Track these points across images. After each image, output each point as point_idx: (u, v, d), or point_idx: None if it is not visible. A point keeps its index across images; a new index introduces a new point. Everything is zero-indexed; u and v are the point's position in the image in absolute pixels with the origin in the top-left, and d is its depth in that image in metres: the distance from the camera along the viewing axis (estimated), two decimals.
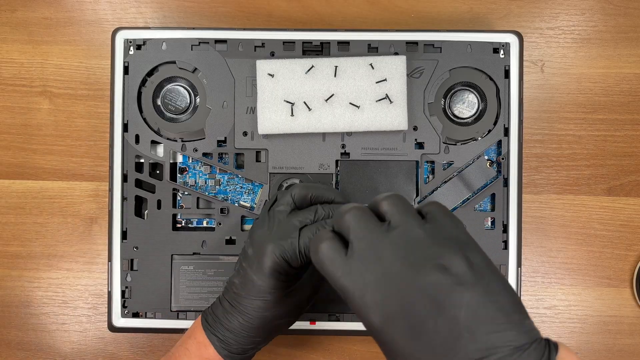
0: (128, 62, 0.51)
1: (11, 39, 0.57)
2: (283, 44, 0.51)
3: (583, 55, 0.57)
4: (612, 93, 0.57)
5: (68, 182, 0.57)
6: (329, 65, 0.50)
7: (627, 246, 0.56)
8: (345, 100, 0.50)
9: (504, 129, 0.51)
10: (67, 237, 0.57)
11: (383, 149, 0.51)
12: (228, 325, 0.42)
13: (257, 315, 0.42)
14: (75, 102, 0.57)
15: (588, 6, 0.57)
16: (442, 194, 0.51)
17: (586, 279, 0.56)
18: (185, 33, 0.51)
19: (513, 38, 0.51)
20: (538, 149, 0.57)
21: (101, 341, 0.56)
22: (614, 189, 0.56)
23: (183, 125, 0.51)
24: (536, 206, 0.56)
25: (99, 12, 0.57)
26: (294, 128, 0.50)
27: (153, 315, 0.51)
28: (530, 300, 0.56)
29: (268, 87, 0.50)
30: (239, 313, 0.42)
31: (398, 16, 0.57)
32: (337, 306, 0.51)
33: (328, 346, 0.56)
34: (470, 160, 0.52)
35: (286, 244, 0.41)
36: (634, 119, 0.57)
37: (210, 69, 0.51)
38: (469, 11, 0.57)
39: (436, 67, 0.51)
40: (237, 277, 0.43)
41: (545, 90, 0.57)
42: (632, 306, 0.56)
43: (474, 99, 0.52)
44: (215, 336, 0.42)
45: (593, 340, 0.56)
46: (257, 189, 0.52)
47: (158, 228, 0.51)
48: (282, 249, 0.41)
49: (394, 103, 0.50)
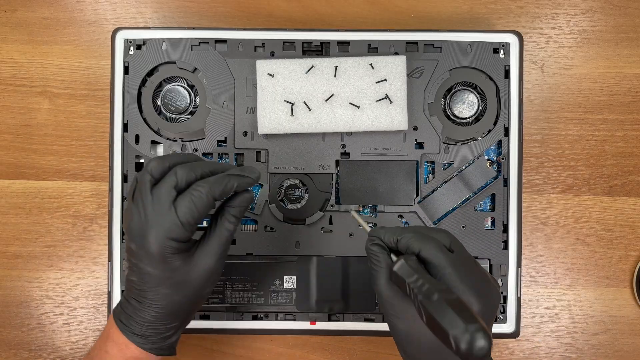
0: (128, 62, 0.51)
1: (11, 39, 0.57)
2: (283, 44, 0.51)
3: (583, 55, 0.57)
4: (612, 93, 0.57)
5: (68, 182, 0.57)
6: (329, 65, 0.50)
7: (627, 246, 0.56)
8: (345, 100, 0.50)
9: (504, 129, 0.51)
10: (67, 237, 0.57)
11: (383, 149, 0.51)
12: (143, 320, 0.41)
13: (168, 302, 0.40)
14: (75, 102, 0.57)
15: (588, 6, 0.57)
16: (442, 194, 0.51)
17: (586, 279, 0.56)
18: (185, 33, 0.51)
19: (513, 38, 0.51)
20: (538, 149, 0.57)
21: None
22: (614, 189, 0.56)
23: (183, 125, 0.51)
24: (536, 206, 0.56)
25: (99, 12, 0.57)
26: (294, 128, 0.50)
27: None
28: (530, 300, 0.56)
29: (268, 87, 0.50)
30: (149, 307, 0.41)
31: (398, 16, 0.57)
32: (337, 306, 0.51)
33: (328, 346, 0.56)
34: (470, 160, 0.52)
35: (166, 224, 0.38)
36: (634, 119, 0.57)
37: (210, 69, 0.51)
38: (469, 11, 0.57)
39: (436, 67, 0.51)
40: (133, 275, 0.41)
41: (545, 90, 0.57)
42: (632, 306, 0.56)
43: (474, 99, 0.52)
44: (134, 334, 0.41)
45: (593, 340, 0.56)
46: (257, 188, 0.52)
47: None
48: (164, 231, 0.38)
49: (394, 103, 0.50)
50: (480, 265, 0.40)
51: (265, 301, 0.51)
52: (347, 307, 0.51)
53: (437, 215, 0.51)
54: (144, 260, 0.39)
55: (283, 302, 0.51)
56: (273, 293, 0.51)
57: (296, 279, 0.51)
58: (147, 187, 0.39)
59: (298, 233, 0.51)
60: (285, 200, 0.51)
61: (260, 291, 0.51)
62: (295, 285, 0.51)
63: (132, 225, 0.39)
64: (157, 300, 0.40)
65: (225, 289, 0.51)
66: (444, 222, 0.51)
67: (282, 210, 0.51)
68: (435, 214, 0.51)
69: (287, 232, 0.51)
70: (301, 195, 0.51)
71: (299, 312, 0.51)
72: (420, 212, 0.51)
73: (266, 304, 0.51)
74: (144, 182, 0.39)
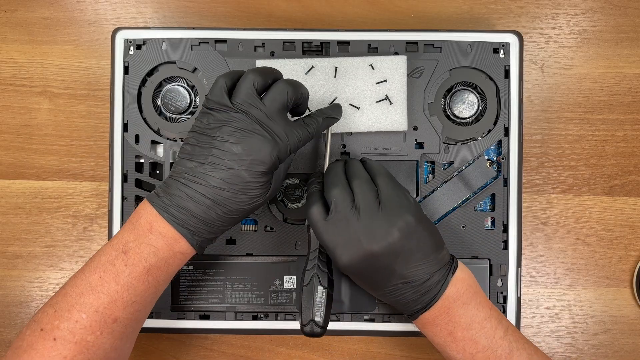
0: (128, 62, 0.51)
1: (11, 39, 0.57)
2: (283, 44, 0.51)
3: (583, 55, 0.57)
4: (612, 93, 0.57)
5: (68, 182, 0.57)
6: (329, 66, 0.50)
7: (627, 246, 0.56)
8: (345, 101, 0.50)
9: (504, 129, 0.51)
10: (67, 237, 0.57)
11: (383, 149, 0.51)
12: (202, 217, 0.40)
13: (238, 209, 0.41)
14: (75, 102, 0.57)
15: (588, 6, 0.57)
16: (442, 194, 0.51)
17: (586, 279, 0.56)
18: (185, 33, 0.51)
19: (513, 38, 0.51)
20: (538, 149, 0.57)
21: None
22: (614, 189, 0.56)
23: (183, 125, 0.51)
24: (536, 206, 0.56)
25: (99, 12, 0.57)
26: None
27: (153, 315, 0.51)
28: (530, 300, 0.56)
29: None
30: (218, 206, 0.40)
31: (398, 16, 0.57)
32: (337, 306, 0.51)
33: (328, 346, 0.56)
34: (470, 160, 0.52)
35: (281, 144, 0.40)
36: (634, 119, 0.57)
37: (210, 69, 0.51)
38: (469, 11, 0.57)
39: (436, 67, 0.51)
40: (214, 171, 0.40)
41: (545, 90, 0.57)
42: (632, 306, 0.56)
43: (474, 99, 0.52)
44: (187, 229, 0.40)
45: (593, 340, 0.56)
46: None
47: None
48: (279, 149, 0.40)
49: (394, 104, 0.50)
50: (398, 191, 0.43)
51: (265, 301, 0.51)
52: (347, 307, 0.51)
53: (437, 215, 0.51)
54: (245, 164, 0.40)
55: (283, 302, 0.51)
56: (273, 293, 0.51)
57: (296, 279, 0.51)
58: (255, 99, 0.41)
59: (298, 233, 0.51)
60: (285, 200, 0.51)
61: (260, 291, 0.51)
62: (295, 285, 0.51)
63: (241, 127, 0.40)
64: (231, 203, 0.40)
65: (225, 289, 0.51)
66: (444, 222, 0.51)
67: (282, 210, 0.51)
68: (435, 213, 0.51)
69: (287, 232, 0.52)
70: (301, 195, 0.51)
71: (299, 312, 0.51)
72: None
73: (266, 304, 0.51)
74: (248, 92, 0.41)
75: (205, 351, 0.56)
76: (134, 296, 0.40)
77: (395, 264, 0.41)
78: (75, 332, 0.39)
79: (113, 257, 0.40)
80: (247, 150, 0.40)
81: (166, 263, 0.41)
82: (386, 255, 0.41)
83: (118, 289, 0.40)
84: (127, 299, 0.40)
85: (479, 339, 0.42)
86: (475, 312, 0.42)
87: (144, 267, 0.40)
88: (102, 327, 0.40)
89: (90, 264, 0.41)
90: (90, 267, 0.41)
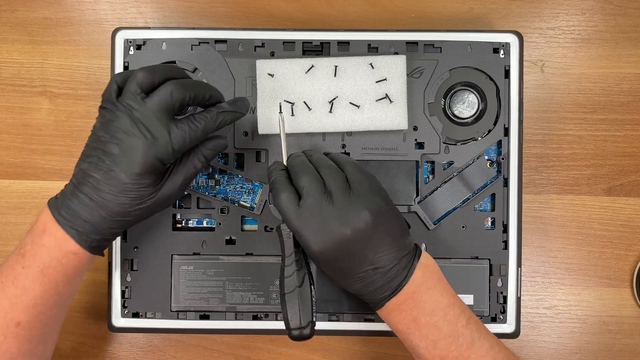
0: (128, 62, 0.51)
1: (11, 39, 0.57)
2: (283, 44, 0.51)
3: (583, 55, 0.57)
4: (612, 93, 0.57)
5: None
6: (329, 65, 0.50)
7: (627, 246, 0.56)
8: (345, 100, 0.50)
9: (504, 129, 0.51)
10: None
11: (383, 148, 0.51)
12: (89, 218, 0.41)
13: (122, 211, 0.41)
14: (75, 102, 0.57)
15: (588, 6, 0.57)
16: (442, 194, 0.51)
17: (586, 279, 0.56)
18: (185, 33, 0.51)
19: (513, 38, 0.51)
20: (538, 149, 0.57)
21: (101, 341, 0.56)
22: (614, 189, 0.56)
23: None
24: (536, 206, 0.56)
25: (99, 12, 0.57)
26: (294, 128, 0.50)
27: (153, 315, 0.51)
28: (530, 300, 0.56)
29: (268, 87, 0.50)
30: (101, 208, 0.41)
31: (398, 16, 0.57)
32: (337, 306, 0.51)
33: (328, 346, 0.56)
34: (470, 160, 0.52)
35: (160, 144, 0.40)
36: (634, 119, 0.57)
37: (210, 69, 0.51)
38: (469, 11, 0.57)
39: (436, 67, 0.51)
40: (97, 172, 0.40)
41: (545, 90, 0.57)
42: (632, 306, 0.56)
43: (474, 99, 0.52)
44: (75, 230, 0.41)
45: (593, 340, 0.56)
46: (257, 189, 0.52)
47: (158, 228, 0.51)
48: (156, 149, 0.40)
49: (394, 103, 0.50)
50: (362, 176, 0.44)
51: (265, 301, 0.51)
52: (347, 307, 0.51)
53: (437, 215, 0.51)
54: (122, 166, 0.40)
55: None
56: (273, 293, 0.51)
57: None
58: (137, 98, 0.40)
59: None
60: None
61: (260, 291, 0.51)
62: None
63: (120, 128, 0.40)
64: (112, 205, 0.41)
65: (225, 289, 0.51)
66: (444, 222, 0.51)
67: None
68: (435, 214, 0.51)
69: None
70: None
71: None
72: (420, 212, 0.51)
73: (266, 304, 0.51)
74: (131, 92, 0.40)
75: (205, 351, 0.56)
76: (34, 298, 0.41)
77: (367, 249, 0.42)
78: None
79: (13, 262, 0.42)
80: (124, 150, 0.40)
81: (60, 263, 0.41)
82: (359, 238, 0.41)
83: (17, 292, 0.41)
84: (27, 302, 0.41)
85: (442, 325, 0.42)
86: (439, 297, 0.43)
87: (38, 268, 0.41)
88: (5, 332, 0.41)
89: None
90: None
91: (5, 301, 0.41)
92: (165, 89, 0.41)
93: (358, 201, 0.42)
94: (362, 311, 0.51)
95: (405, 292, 0.42)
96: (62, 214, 0.41)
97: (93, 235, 0.41)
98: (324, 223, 0.41)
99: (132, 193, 0.41)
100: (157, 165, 0.40)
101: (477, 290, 0.51)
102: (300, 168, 0.44)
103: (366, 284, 0.43)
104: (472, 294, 0.51)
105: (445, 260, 0.51)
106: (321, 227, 0.41)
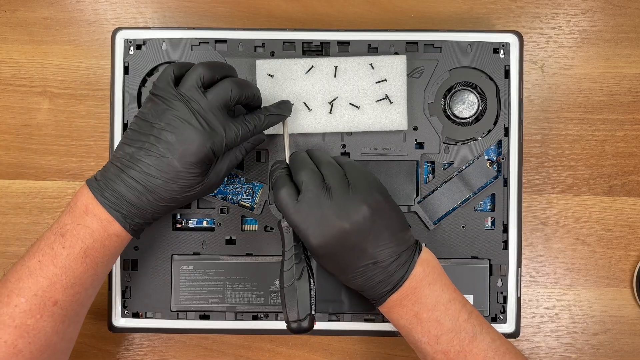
0: (128, 62, 0.51)
1: (11, 39, 0.57)
2: (283, 44, 0.51)
3: (583, 55, 0.57)
4: (612, 93, 0.57)
5: (68, 182, 0.57)
6: (329, 65, 0.50)
7: (627, 246, 0.56)
8: (345, 100, 0.50)
9: (504, 129, 0.51)
10: None
11: (383, 149, 0.51)
12: (134, 202, 0.41)
13: (169, 197, 0.42)
14: (75, 102, 0.57)
15: (588, 6, 0.57)
16: (442, 194, 0.51)
17: (586, 279, 0.56)
18: (185, 33, 0.51)
19: (513, 38, 0.51)
20: (538, 149, 0.57)
21: (101, 341, 0.56)
22: (614, 189, 0.56)
23: None
24: (536, 206, 0.57)
25: (99, 12, 0.57)
26: (294, 128, 0.50)
27: (153, 315, 0.51)
28: (530, 300, 0.56)
29: (268, 87, 0.50)
30: (150, 193, 0.41)
31: (398, 16, 0.57)
32: (337, 306, 0.51)
33: (328, 346, 0.56)
34: (470, 160, 0.52)
35: (217, 138, 0.41)
36: (634, 119, 0.57)
37: None
38: (469, 11, 0.57)
39: (436, 67, 0.51)
40: (148, 158, 0.41)
41: (545, 90, 0.57)
42: (632, 306, 0.56)
43: (474, 99, 0.52)
44: (120, 212, 0.41)
45: (593, 340, 0.56)
46: (257, 189, 0.52)
47: (158, 228, 0.51)
48: (212, 142, 0.41)
49: (394, 103, 0.50)
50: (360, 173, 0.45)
51: (265, 301, 0.51)
52: (347, 307, 0.51)
53: (437, 215, 0.51)
54: (177, 154, 0.41)
55: None
56: (273, 293, 0.51)
57: None
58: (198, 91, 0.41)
59: None
60: None
61: (260, 291, 0.51)
62: None
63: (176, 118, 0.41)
64: (161, 191, 0.41)
65: (225, 289, 0.51)
66: (444, 222, 0.51)
67: None
68: (435, 214, 0.51)
69: None
70: None
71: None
72: (420, 212, 0.51)
73: (266, 304, 0.51)
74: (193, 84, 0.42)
75: (205, 351, 0.56)
76: (73, 278, 0.41)
77: (366, 243, 0.42)
78: (14, 316, 0.40)
79: (51, 241, 0.42)
80: (180, 139, 0.41)
81: (102, 245, 0.42)
82: (357, 232, 0.42)
83: (56, 271, 0.41)
84: (66, 281, 0.41)
85: (443, 320, 0.42)
86: (440, 292, 0.43)
87: (81, 249, 0.41)
88: (42, 311, 0.41)
89: (30, 249, 0.42)
90: (30, 253, 0.42)
91: (44, 280, 0.41)
92: (225, 85, 0.42)
93: (356, 196, 0.42)
94: (362, 311, 0.51)
95: (406, 288, 0.43)
96: (105, 196, 0.41)
97: (137, 219, 0.42)
98: (323, 217, 0.41)
99: (183, 181, 0.42)
100: (210, 157, 0.42)
101: (477, 290, 0.51)
102: (300, 164, 0.44)
103: (367, 278, 0.43)
104: (472, 294, 0.51)
105: (445, 260, 0.51)
106: (320, 220, 0.41)
